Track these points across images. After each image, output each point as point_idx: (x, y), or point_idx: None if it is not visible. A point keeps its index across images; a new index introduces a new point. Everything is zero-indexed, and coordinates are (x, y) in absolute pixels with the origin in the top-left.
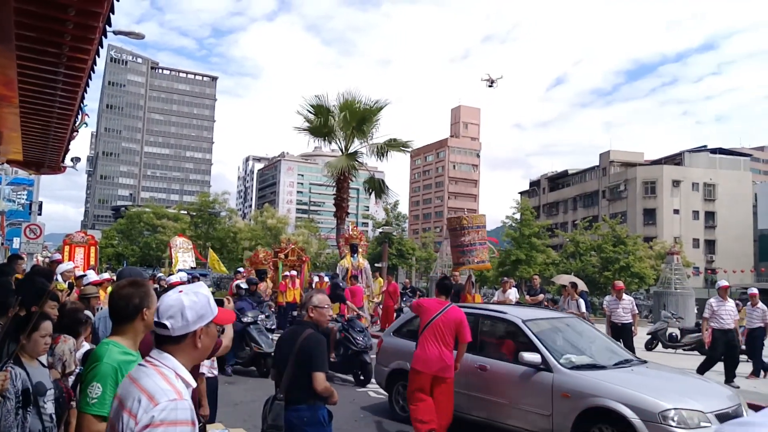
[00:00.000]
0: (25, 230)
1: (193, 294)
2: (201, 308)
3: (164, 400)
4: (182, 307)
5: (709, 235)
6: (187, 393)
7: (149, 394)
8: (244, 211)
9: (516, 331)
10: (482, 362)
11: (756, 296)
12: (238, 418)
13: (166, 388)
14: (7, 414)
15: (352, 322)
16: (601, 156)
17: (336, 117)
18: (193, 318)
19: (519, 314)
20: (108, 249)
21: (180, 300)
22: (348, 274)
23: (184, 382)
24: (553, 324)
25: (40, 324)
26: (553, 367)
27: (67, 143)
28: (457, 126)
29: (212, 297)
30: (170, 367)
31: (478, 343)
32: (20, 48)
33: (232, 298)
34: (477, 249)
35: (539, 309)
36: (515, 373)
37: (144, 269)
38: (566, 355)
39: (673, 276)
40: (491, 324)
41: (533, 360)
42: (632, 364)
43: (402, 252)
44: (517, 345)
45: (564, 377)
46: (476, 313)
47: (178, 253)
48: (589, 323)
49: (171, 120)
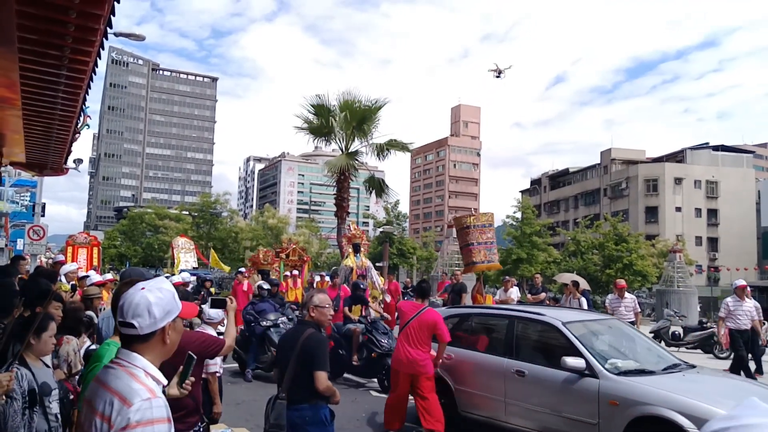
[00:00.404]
0: (29, 231)
1: (157, 290)
2: (167, 304)
3: (137, 400)
4: (148, 305)
5: (712, 233)
6: (159, 390)
7: (121, 396)
8: (245, 212)
9: (555, 334)
10: (519, 367)
11: None
12: (241, 417)
13: (137, 387)
14: (14, 414)
15: (376, 324)
16: (603, 154)
17: (336, 116)
18: (161, 315)
19: (558, 316)
20: (111, 250)
21: (145, 297)
22: (353, 274)
23: (155, 380)
24: (594, 326)
25: (47, 324)
26: (598, 373)
27: (69, 145)
28: (457, 125)
29: (175, 291)
30: (139, 366)
31: (513, 347)
32: (22, 50)
33: (255, 300)
34: (486, 248)
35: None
36: (557, 379)
37: (147, 270)
38: (611, 359)
39: (676, 274)
40: (528, 326)
41: (577, 365)
42: (682, 369)
43: (403, 251)
44: (557, 349)
45: (611, 383)
46: (511, 315)
47: (180, 254)
48: None
49: (172, 121)
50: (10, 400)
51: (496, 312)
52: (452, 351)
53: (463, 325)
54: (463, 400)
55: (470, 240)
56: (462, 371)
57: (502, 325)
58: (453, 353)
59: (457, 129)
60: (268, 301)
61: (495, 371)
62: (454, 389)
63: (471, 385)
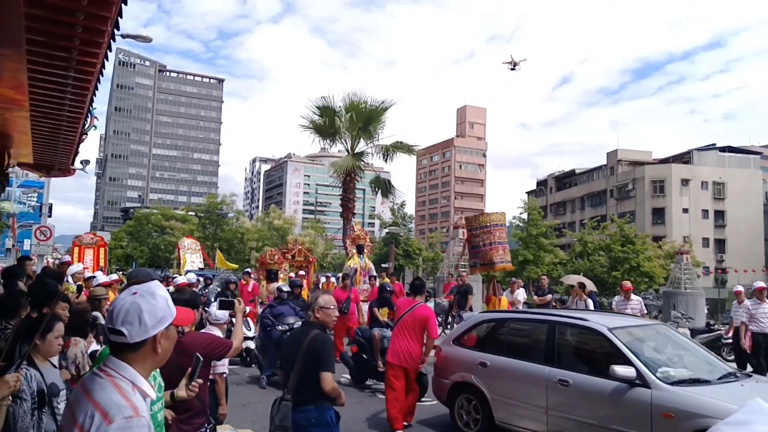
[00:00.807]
0: (36, 232)
1: (150, 296)
2: (160, 311)
3: (119, 417)
4: (140, 312)
5: (719, 234)
6: (144, 408)
7: (103, 410)
8: (251, 212)
9: (601, 341)
10: (563, 376)
11: (741, 293)
12: (246, 418)
13: (121, 403)
14: (23, 415)
15: None
16: (609, 155)
17: (342, 117)
18: (152, 322)
19: (603, 322)
20: (117, 250)
21: (136, 303)
22: (358, 275)
23: (143, 393)
24: (640, 332)
25: (53, 325)
26: (650, 383)
27: (76, 146)
28: (463, 126)
29: (169, 297)
30: (128, 378)
31: (555, 354)
32: (30, 52)
33: (274, 302)
34: (498, 249)
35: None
36: (605, 389)
37: (153, 270)
38: (663, 368)
39: (683, 276)
40: (570, 333)
41: (627, 374)
42: (739, 378)
43: (409, 252)
44: (603, 357)
45: (665, 394)
46: (552, 321)
47: (186, 254)
48: None
49: (179, 122)
50: (20, 400)
51: (534, 317)
52: (487, 358)
53: (498, 330)
54: (499, 411)
55: (484, 240)
56: (498, 380)
57: (541, 331)
58: (488, 360)
59: (463, 130)
60: (287, 304)
61: (535, 380)
62: (490, 399)
63: (508, 394)
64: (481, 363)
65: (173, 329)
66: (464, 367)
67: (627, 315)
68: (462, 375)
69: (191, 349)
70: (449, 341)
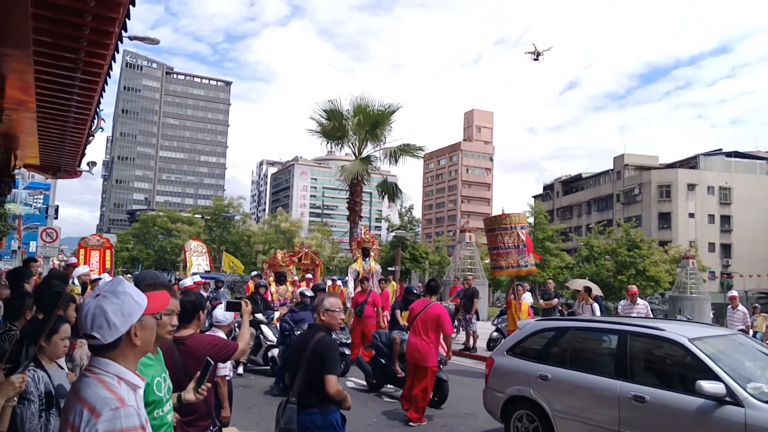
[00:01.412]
0: (42, 234)
1: (112, 296)
2: (126, 308)
3: (106, 410)
4: (105, 314)
5: (725, 239)
6: (132, 398)
7: (90, 406)
8: (257, 215)
9: (681, 354)
10: (638, 392)
11: (736, 299)
12: (252, 421)
13: (107, 396)
14: (31, 417)
15: None
16: (615, 159)
17: (349, 121)
18: (121, 321)
19: (681, 331)
20: (123, 253)
21: (100, 306)
22: (359, 277)
23: (130, 384)
24: (722, 343)
25: (59, 327)
26: (743, 401)
27: (83, 148)
28: (470, 130)
29: (135, 290)
30: (112, 373)
31: (628, 367)
32: (37, 53)
33: (296, 307)
34: (519, 252)
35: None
36: (688, 407)
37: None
38: (753, 383)
39: (689, 280)
40: (645, 343)
41: (715, 391)
42: None
43: (415, 256)
44: (685, 370)
45: (761, 414)
46: (623, 330)
47: (192, 257)
48: None
49: (186, 125)
50: (27, 402)
51: (602, 326)
52: (548, 371)
53: (560, 340)
54: (563, 429)
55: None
56: (562, 395)
57: (611, 341)
58: (549, 373)
59: (470, 134)
60: (309, 310)
61: (605, 396)
62: (552, 415)
63: (574, 411)
64: (541, 376)
65: (148, 319)
66: (521, 380)
67: None
68: (519, 388)
69: (196, 352)
70: (503, 351)
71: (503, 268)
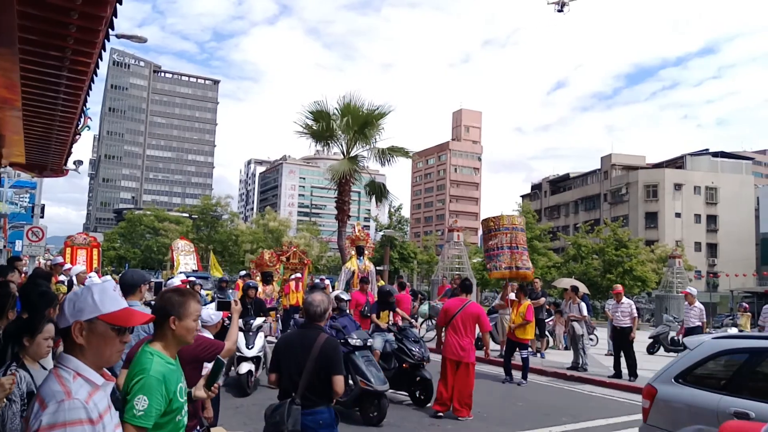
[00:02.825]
0: (28, 233)
1: (80, 290)
2: (80, 302)
3: (52, 402)
4: (65, 301)
5: (711, 239)
6: (82, 392)
7: (41, 399)
8: (245, 214)
9: None
10: None
11: (690, 295)
12: (239, 421)
13: (56, 390)
14: (13, 417)
15: (406, 332)
16: (603, 159)
17: (337, 121)
18: (70, 311)
19: None
20: (110, 252)
21: (68, 296)
22: (355, 277)
23: (89, 381)
24: None
25: (43, 326)
26: None
27: (69, 146)
28: (458, 129)
29: (104, 292)
30: (70, 368)
31: None
32: (23, 51)
33: (333, 313)
34: (513, 253)
35: None
36: None
37: (147, 271)
38: None
39: (675, 279)
40: None
41: None
42: None
43: (404, 255)
44: None
45: None
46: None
47: (179, 256)
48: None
49: (173, 123)
50: (9, 402)
51: None
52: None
53: (759, 365)
54: None
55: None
56: None
57: None
58: (751, 410)
59: (459, 133)
60: (348, 316)
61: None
62: None
63: None
64: (737, 413)
65: (101, 325)
66: (703, 418)
67: (618, 316)
68: (700, 429)
69: (182, 351)
70: (669, 378)
71: (497, 269)
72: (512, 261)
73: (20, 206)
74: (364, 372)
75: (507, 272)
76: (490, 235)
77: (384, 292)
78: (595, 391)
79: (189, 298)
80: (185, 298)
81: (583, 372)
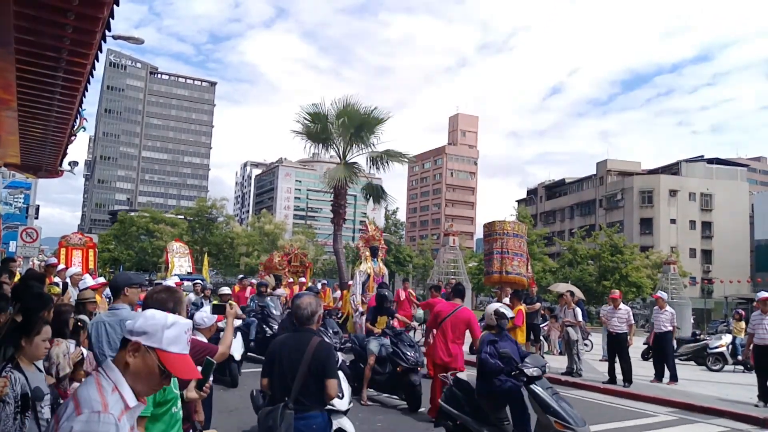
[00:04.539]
0: (22, 234)
1: (164, 315)
2: (152, 326)
3: (87, 410)
4: (141, 315)
5: (706, 245)
6: (116, 408)
7: (77, 402)
8: (241, 217)
9: None
10: None
11: (661, 299)
12: (233, 424)
13: (94, 398)
14: (6, 419)
15: (401, 336)
16: (598, 165)
17: (334, 124)
18: (141, 326)
19: None
20: (104, 253)
21: (149, 310)
22: (371, 280)
23: (122, 398)
24: None
25: (41, 328)
26: None
27: (65, 147)
28: (454, 134)
29: (180, 335)
30: (111, 379)
31: None
32: (19, 51)
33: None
34: (503, 258)
35: None
36: None
37: (138, 274)
38: None
39: (670, 285)
40: None
41: None
42: None
43: (399, 259)
44: None
45: None
46: None
47: (174, 258)
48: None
49: (169, 125)
50: (2, 404)
51: None
52: None
53: None
54: None
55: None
56: None
57: None
58: None
59: (455, 138)
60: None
61: None
62: None
63: None
64: None
65: (153, 358)
66: None
67: (614, 322)
68: None
69: None
70: None
71: (492, 273)
72: (501, 266)
73: (15, 207)
74: (557, 411)
75: (497, 276)
76: (486, 240)
77: (381, 297)
78: (589, 397)
79: (182, 296)
80: (179, 296)
81: (577, 377)
